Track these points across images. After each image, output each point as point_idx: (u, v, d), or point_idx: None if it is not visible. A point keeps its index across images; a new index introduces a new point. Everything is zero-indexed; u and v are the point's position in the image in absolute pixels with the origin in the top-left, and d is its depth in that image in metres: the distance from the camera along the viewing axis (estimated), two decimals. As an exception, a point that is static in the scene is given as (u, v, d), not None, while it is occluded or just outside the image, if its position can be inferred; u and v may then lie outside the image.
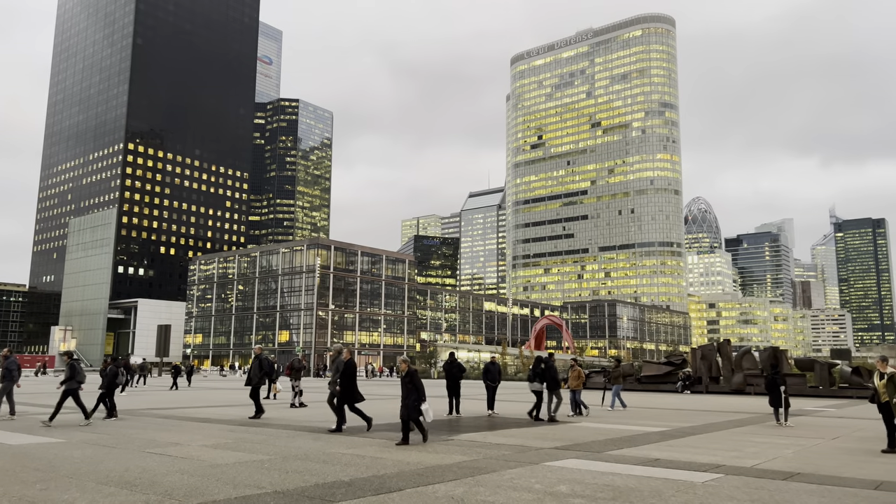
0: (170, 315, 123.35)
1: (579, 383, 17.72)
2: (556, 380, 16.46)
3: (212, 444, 10.85)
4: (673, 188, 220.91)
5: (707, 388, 35.82)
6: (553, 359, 18.15)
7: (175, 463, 8.71)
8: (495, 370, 18.22)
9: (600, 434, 13.13)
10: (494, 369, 18.19)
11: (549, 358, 17.28)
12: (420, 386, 10.93)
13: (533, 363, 17.08)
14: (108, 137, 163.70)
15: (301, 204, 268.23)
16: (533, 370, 16.73)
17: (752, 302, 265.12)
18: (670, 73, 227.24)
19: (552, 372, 16.47)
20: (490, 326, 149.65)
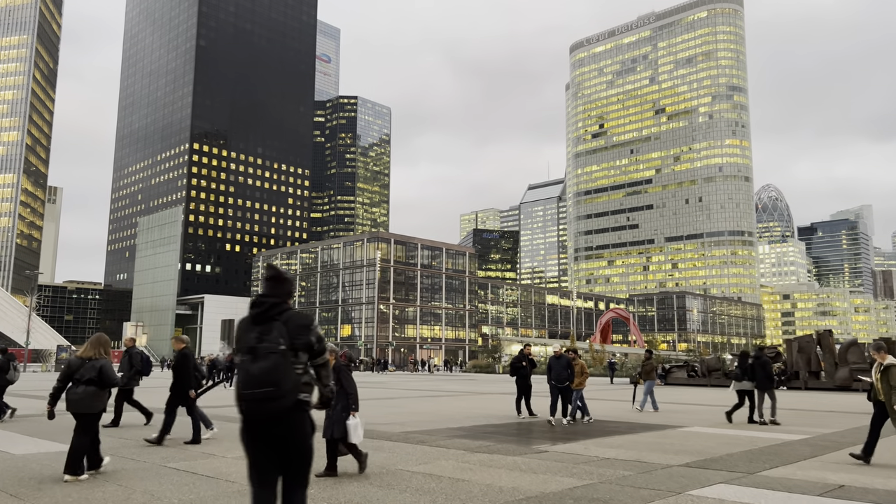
0: (235, 310, 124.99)
1: (583, 380, 14.35)
2: (771, 377, 13.98)
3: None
4: (743, 175, 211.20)
5: (806, 383, 32.39)
6: (764, 353, 14.60)
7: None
8: (561, 366, 13.89)
9: (724, 443, 10.66)
10: (560, 365, 13.91)
11: (760, 352, 14.48)
12: (350, 388, 7.32)
13: (738, 358, 14.69)
14: (174, 138, 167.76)
15: (361, 200, 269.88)
16: (739, 366, 14.39)
17: (831, 292, 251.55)
18: (738, 55, 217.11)
19: (766, 368, 13.93)
20: (553, 320, 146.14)
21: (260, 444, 3.80)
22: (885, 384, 8.53)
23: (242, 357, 3.87)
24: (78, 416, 7.16)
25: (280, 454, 3.79)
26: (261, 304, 3.93)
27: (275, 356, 3.75)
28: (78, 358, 7.31)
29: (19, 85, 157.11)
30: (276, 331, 3.81)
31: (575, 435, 11.62)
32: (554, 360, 13.90)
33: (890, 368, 8.48)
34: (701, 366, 37.55)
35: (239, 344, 3.93)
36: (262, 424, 3.76)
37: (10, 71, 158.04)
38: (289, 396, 3.73)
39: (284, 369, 3.75)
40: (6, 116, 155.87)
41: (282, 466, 3.82)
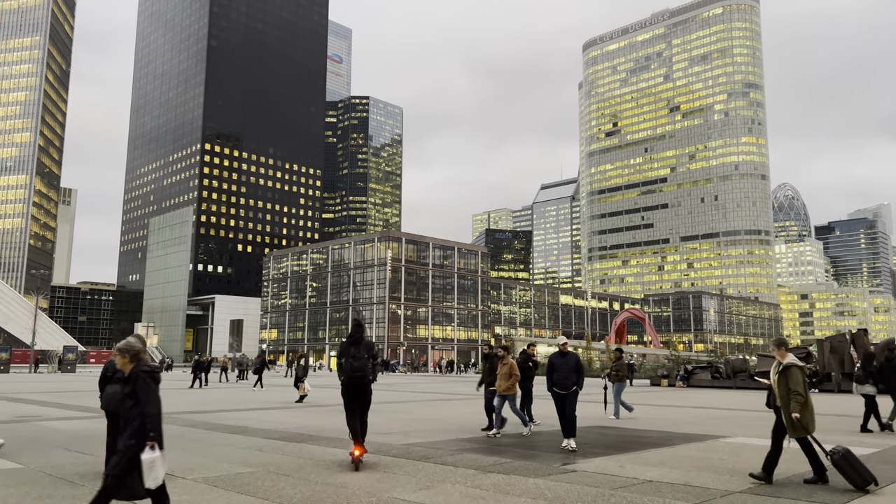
0: (246, 311, 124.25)
1: (512, 384, 11.43)
2: None
3: (219, 475, 7.46)
4: (759, 173, 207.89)
5: (839, 386, 30.50)
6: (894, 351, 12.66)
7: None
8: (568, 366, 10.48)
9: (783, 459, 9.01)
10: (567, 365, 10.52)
11: (893, 353, 12.64)
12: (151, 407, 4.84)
13: (862, 359, 13.10)
14: (185, 139, 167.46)
15: (373, 201, 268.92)
16: (863, 368, 12.75)
17: (850, 292, 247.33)
18: (755, 51, 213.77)
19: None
20: (567, 320, 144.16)
21: (355, 397, 8.52)
22: (782, 387, 7.26)
23: (348, 359, 8.59)
24: (113, 416, 7.28)
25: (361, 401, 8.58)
26: (356, 335, 8.75)
27: (363, 360, 8.51)
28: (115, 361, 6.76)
29: (32, 86, 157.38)
30: (362, 348, 8.57)
31: (605, 448, 10.00)
32: (558, 358, 10.56)
33: (789, 369, 7.25)
34: (725, 367, 35.76)
35: (345, 352, 8.66)
36: (357, 388, 8.52)
37: (23, 72, 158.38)
38: (367, 377, 8.54)
39: (365, 365, 8.50)
40: (19, 118, 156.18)
41: (361, 406, 8.59)
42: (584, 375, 10.51)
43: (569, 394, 10.31)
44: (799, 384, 7.22)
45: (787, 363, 7.37)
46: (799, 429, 7.25)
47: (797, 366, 7.37)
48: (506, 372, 11.50)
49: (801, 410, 7.19)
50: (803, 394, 7.22)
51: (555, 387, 10.43)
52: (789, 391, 7.22)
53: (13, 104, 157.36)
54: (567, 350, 10.67)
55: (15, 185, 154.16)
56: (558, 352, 10.63)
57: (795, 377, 7.27)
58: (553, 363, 10.51)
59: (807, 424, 7.25)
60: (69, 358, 59.37)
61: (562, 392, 10.32)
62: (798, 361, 7.45)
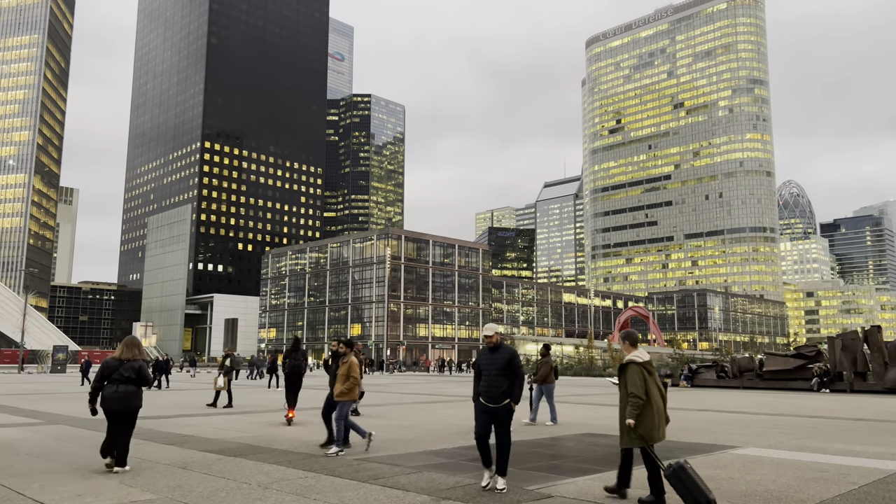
0: (245, 309, 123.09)
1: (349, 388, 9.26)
2: None
3: None
4: (765, 170, 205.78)
5: (852, 385, 29.01)
6: None
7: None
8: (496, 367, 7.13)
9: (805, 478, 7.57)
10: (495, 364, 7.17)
11: None
12: None
13: None
14: (185, 137, 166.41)
15: (375, 199, 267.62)
16: None
17: (856, 290, 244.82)
18: (759, 47, 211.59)
19: None
20: (570, 319, 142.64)
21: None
22: (622, 387, 6.36)
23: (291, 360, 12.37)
24: (118, 414, 7.59)
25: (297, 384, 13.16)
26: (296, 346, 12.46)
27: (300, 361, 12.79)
28: (115, 359, 7.74)
29: (30, 84, 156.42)
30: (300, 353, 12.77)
31: (592, 464, 8.54)
32: (485, 355, 7.18)
33: (629, 366, 6.29)
34: (732, 366, 34.26)
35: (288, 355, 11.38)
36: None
37: (22, 70, 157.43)
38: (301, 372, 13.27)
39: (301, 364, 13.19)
40: (17, 116, 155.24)
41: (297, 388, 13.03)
42: (521, 381, 7.02)
43: (499, 409, 6.83)
44: (636, 384, 6.13)
45: (629, 360, 6.34)
46: (634, 437, 6.12)
47: (636, 363, 6.27)
48: (343, 373, 9.14)
49: (638, 416, 6.11)
50: (642, 396, 6.12)
51: (480, 397, 7.01)
52: (627, 393, 6.23)
53: (12, 102, 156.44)
54: (498, 343, 7.12)
55: (13, 183, 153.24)
56: (486, 347, 7.20)
57: (632, 376, 6.22)
58: (478, 363, 7.19)
59: (648, 432, 6.08)
60: (59, 358, 58.11)
61: (489, 405, 6.89)
62: (640, 358, 6.32)
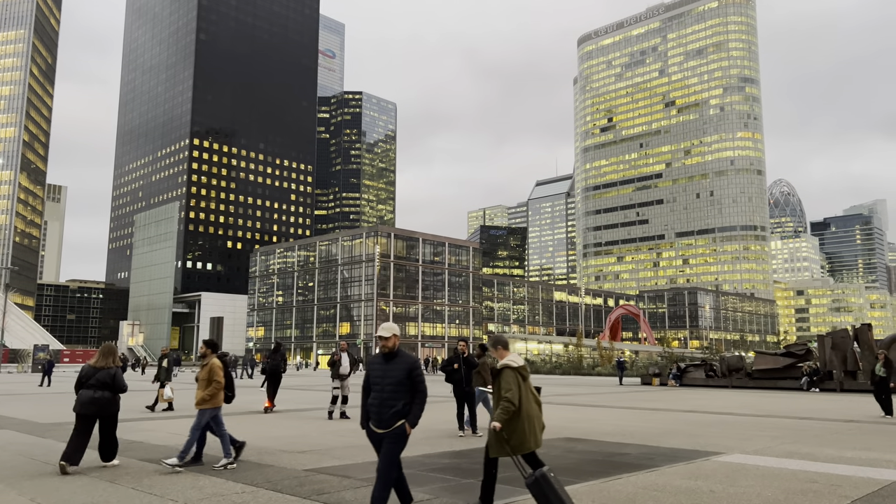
0: (234, 308, 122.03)
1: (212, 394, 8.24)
2: None
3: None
4: (755, 168, 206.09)
5: (842, 385, 28.53)
6: None
7: None
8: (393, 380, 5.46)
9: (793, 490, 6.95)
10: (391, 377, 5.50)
11: None
12: None
13: None
14: (174, 134, 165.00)
15: (367, 197, 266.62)
16: None
17: (846, 288, 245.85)
18: (750, 45, 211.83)
19: None
20: (561, 317, 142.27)
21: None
22: (496, 394, 5.79)
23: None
24: (90, 419, 7.94)
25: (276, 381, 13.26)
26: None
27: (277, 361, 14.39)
28: (91, 367, 8.06)
29: (16, 80, 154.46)
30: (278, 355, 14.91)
31: (563, 474, 7.87)
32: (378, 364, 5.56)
33: (503, 371, 5.76)
34: (721, 365, 33.75)
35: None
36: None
37: (7, 66, 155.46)
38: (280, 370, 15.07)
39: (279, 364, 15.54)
40: (2, 112, 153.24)
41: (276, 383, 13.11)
42: (423, 398, 5.47)
43: (389, 434, 5.35)
44: (511, 390, 5.61)
45: (504, 364, 5.79)
46: (506, 446, 5.56)
47: (511, 367, 5.75)
48: (203, 377, 8.13)
49: (511, 424, 5.60)
50: (515, 402, 5.60)
51: (370, 421, 5.51)
52: (500, 398, 5.69)
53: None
54: (396, 349, 5.51)
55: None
56: (379, 354, 5.61)
57: (507, 380, 5.68)
58: (368, 374, 5.58)
59: (520, 442, 5.58)
60: (40, 357, 57.13)
61: (377, 430, 5.41)
62: (515, 363, 5.79)
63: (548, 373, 52.15)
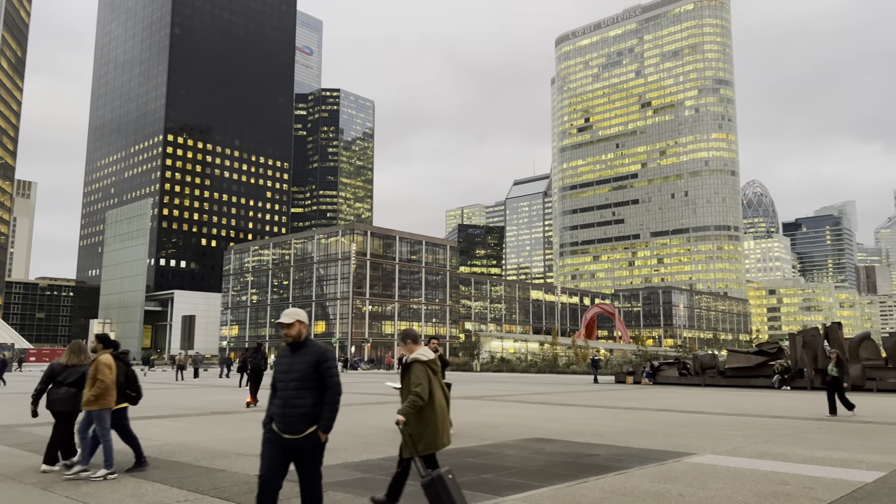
0: (207, 307, 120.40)
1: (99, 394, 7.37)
2: None
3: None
4: (729, 169, 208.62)
5: (812, 383, 28.71)
6: None
7: None
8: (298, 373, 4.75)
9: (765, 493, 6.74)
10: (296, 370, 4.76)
11: None
12: None
13: None
14: (147, 130, 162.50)
15: (344, 195, 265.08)
16: None
17: (816, 287, 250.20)
18: (725, 47, 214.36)
19: None
20: (538, 316, 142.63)
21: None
22: (404, 388, 5.56)
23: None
24: (59, 415, 7.96)
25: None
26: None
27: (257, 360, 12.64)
28: (60, 364, 8.07)
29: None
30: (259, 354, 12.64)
31: (527, 478, 7.56)
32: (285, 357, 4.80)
33: (413, 365, 5.57)
34: (694, 363, 33.86)
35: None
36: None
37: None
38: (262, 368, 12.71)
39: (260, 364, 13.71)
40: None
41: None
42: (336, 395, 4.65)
43: (298, 442, 4.57)
44: (422, 384, 5.40)
45: (411, 358, 5.58)
46: (419, 445, 5.34)
47: (420, 361, 5.54)
48: (91, 375, 7.48)
49: (422, 420, 5.37)
50: (425, 396, 5.37)
51: (273, 422, 4.69)
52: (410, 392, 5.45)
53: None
54: (303, 338, 4.74)
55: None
56: (286, 346, 4.80)
57: (417, 374, 5.48)
58: (275, 368, 4.81)
59: (432, 439, 5.36)
60: (7, 356, 55.65)
61: (283, 436, 4.60)
62: (424, 357, 5.56)
63: (523, 371, 52.06)
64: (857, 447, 10.20)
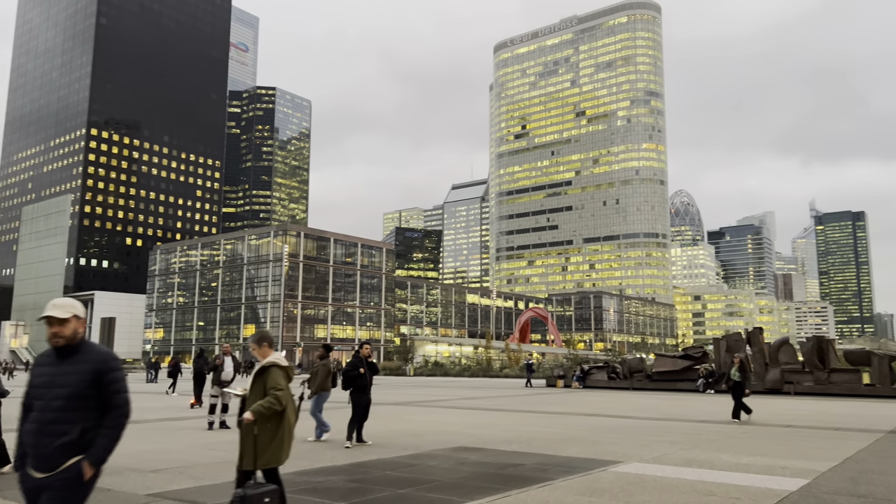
0: (130, 308, 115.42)
1: None
2: None
3: None
4: (658, 178, 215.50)
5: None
6: None
7: None
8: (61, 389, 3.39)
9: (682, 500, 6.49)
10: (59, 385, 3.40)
11: None
12: None
13: None
14: (69, 123, 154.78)
15: (279, 196, 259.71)
16: None
17: (738, 294, 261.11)
18: (656, 61, 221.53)
19: None
20: (473, 320, 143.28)
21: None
22: (255, 393, 5.05)
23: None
24: None
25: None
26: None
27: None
28: None
29: None
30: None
31: (445, 492, 7.11)
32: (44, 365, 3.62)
33: (270, 370, 5.10)
34: (623, 367, 34.34)
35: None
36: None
37: None
38: None
39: None
40: None
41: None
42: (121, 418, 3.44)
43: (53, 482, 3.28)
44: (280, 388, 4.97)
45: (269, 363, 5.14)
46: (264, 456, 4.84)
47: (279, 366, 5.15)
48: None
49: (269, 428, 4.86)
50: (284, 402, 4.94)
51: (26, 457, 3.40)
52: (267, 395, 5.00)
53: None
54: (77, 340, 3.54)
55: None
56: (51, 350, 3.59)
57: (275, 377, 5.04)
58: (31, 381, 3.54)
59: (277, 453, 4.87)
60: None
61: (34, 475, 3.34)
62: (282, 362, 5.21)
63: (457, 375, 51.83)
64: (779, 453, 10.21)
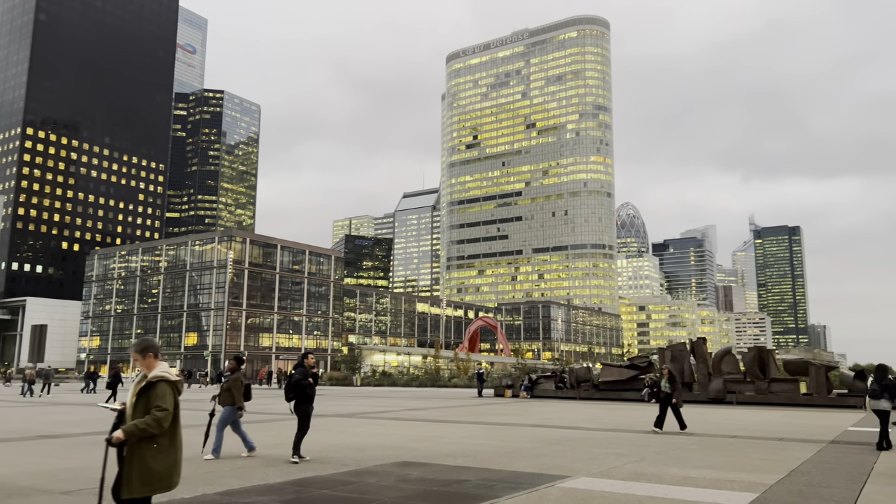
0: (65, 315, 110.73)
1: None
2: None
3: None
4: (605, 191, 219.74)
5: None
6: None
7: None
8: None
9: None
10: None
11: None
12: None
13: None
14: (3, 121, 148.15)
15: (225, 201, 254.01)
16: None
17: (681, 305, 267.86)
18: (605, 76, 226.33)
19: None
20: (423, 329, 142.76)
21: None
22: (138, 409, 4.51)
23: None
24: None
25: None
26: None
27: None
28: None
29: None
30: None
31: None
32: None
33: (157, 385, 4.55)
34: (570, 376, 34.42)
35: None
36: None
37: None
38: None
39: None
40: None
41: None
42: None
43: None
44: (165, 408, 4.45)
45: (157, 376, 4.58)
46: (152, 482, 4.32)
47: (168, 381, 4.62)
48: None
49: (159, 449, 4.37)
50: (165, 424, 4.43)
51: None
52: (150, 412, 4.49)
53: None
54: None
55: None
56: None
57: (162, 392, 4.52)
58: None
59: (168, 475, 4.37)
60: None
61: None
62: (171, 376, 4.66)
63: (405, 385, 51.24)
64: (727, 465, 10.13)
